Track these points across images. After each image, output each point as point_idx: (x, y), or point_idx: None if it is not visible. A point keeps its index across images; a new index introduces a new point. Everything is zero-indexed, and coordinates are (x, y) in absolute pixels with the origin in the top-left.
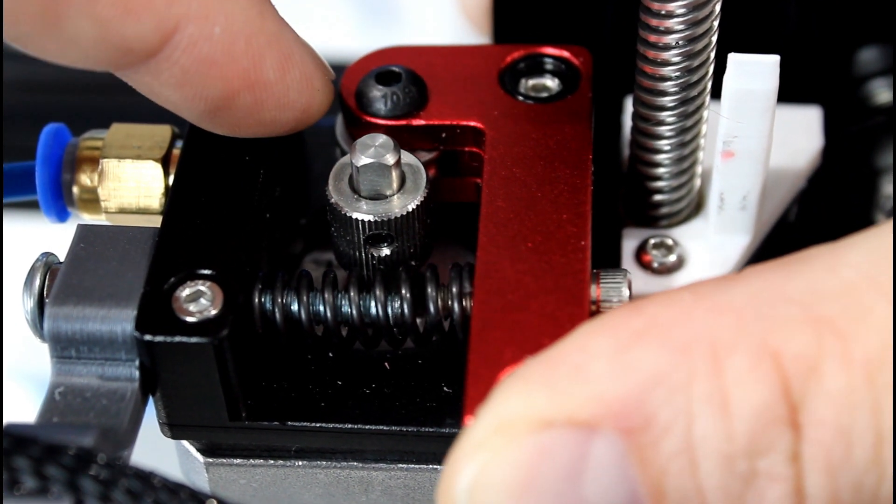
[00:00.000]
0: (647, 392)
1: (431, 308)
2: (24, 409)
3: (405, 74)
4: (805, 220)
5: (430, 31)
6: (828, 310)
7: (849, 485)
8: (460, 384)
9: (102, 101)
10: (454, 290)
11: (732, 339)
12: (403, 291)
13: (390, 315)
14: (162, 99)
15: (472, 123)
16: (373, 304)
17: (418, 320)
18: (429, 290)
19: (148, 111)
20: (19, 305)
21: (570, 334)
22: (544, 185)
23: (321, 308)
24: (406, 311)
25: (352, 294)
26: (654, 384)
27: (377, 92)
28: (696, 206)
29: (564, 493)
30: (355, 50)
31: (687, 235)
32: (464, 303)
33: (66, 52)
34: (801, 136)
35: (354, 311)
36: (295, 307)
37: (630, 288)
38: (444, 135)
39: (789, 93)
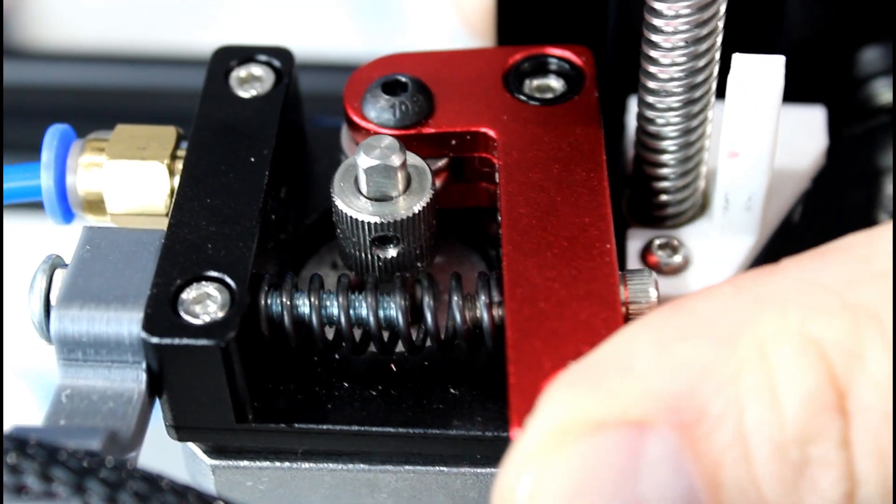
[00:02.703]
0: (697, 385)
1: (458, 317)
2: (28, 408)
3: (411, 83)
4: (809, 221)
5: (432, 32)
6: (864, 297)
7: None
8: (467, 386)
9: (106, 102)
10: (483, 299)
11: (776, 330)
12: (427, 299)
13: (411, 322)
14: None
15: (483, 129)
16: (393, 310)
17: (442, 330)
18: (455, 298)
19: (152, 113)
20: (24, 306)
21: (612, 336)
22: (563, 189)
23: (335, 311)
24: (429, 319)
25: (370, 300)
26: (703, 377)
27: (384, 102)
28: (701, 207)
29: (622, 493)
30: (359, 50)
31: (692, 236)
32: (493, 312)
33: None
34: (805, 136)
35: (372, 317)
36: (306, 310)
37: (657, 288)
38: (454, 142)
39: (793, 93)
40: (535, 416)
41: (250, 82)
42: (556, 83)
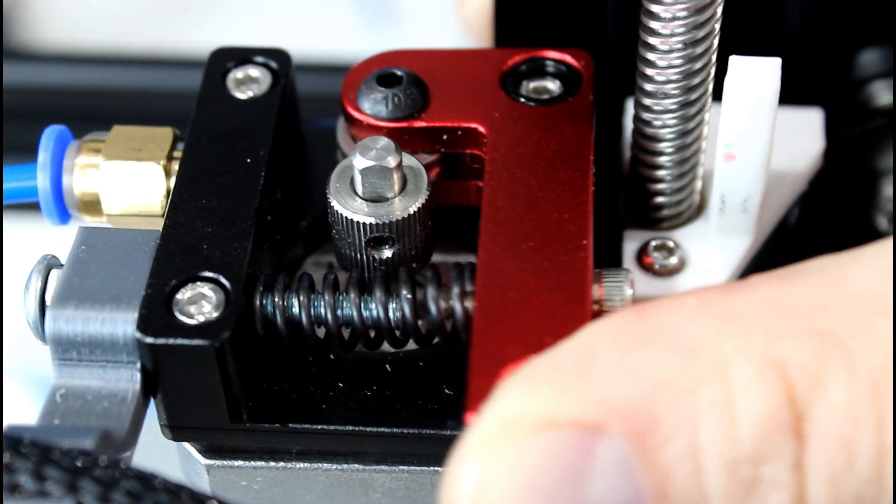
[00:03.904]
0: (654, 395)
1: (433, 308)
2: (23, 409)
3: (406, 76)
4: (806, 223)
5: (431, 34)
6: (832, 323)
7: (850, 496)
8: (462, 386)
9: (104, 103)
10: (455, 289)
11: (738, 347)
12: (404, 292)
13: (391, 316)
14: None
15: (473, 125)
16: (374, 305)
17: (420, 321)
18: (430, 290)
19: (151, 114)
20: (20, 307)
21: (575, 335)
22: (545, 185)
23: (322, 310)
24: (407, 312)
25: (352, 296)
26: (661, 388)
27: (378, 93)
28: (698, 208)
29: (568, 495)
30: (358, 52)
31: (688, 237)
32: (465, 303)
33: None
34: (802, 138)
35: (355, 313)
36: (296, 310)
37: (633, 287)
38: (445, 137)
39: (790, 95)
40: (490, 406)
41: (247, 84)
42: (552, 85)
